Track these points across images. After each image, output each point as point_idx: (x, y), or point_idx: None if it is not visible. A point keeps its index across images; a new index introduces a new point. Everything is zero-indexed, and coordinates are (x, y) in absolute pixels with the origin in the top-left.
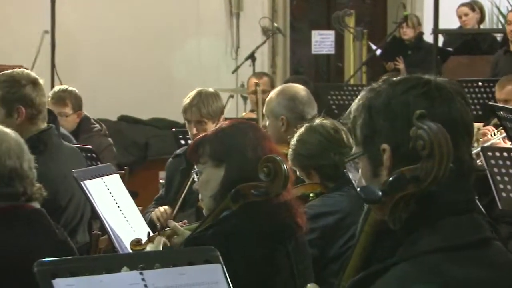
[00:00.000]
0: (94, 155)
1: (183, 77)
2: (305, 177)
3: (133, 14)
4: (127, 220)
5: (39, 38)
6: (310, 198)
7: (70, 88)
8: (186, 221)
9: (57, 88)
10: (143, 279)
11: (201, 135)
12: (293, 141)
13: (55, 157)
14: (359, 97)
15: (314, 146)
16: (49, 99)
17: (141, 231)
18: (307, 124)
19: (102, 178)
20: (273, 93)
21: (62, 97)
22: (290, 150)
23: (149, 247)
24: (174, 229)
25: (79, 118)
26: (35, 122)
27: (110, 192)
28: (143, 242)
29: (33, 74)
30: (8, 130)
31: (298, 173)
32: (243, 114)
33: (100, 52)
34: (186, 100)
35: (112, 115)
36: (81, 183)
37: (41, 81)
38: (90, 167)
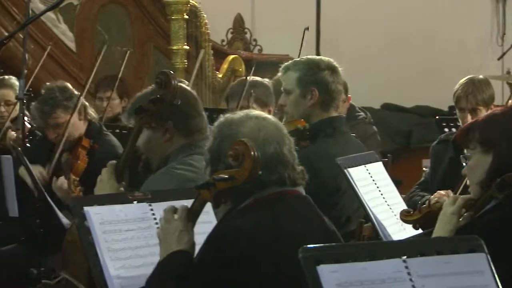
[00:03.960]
0: None
1: (446, 64)
2: None
3: (395, 2)
4: (390, 208)
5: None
6: None
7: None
8: None
9: None
10: (406, 267)
11: (471, 121)
12: None
13: (340, 143)
14: None
15: None
16: None
17: None
18: None
19: (365, 166)
20: None
21: None
22: None
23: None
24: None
25: (348, 102)
26: (327, 109)
27: (373, 180)
28: (412, 212)
29: (333, 62)
30: (267, 116)
31: None
32: (510, 102)
33: (363, 40)
34: (459, 89)
35: (375, 103)
36: (345, 170)
37: (339, 69)
38: (354, 154)
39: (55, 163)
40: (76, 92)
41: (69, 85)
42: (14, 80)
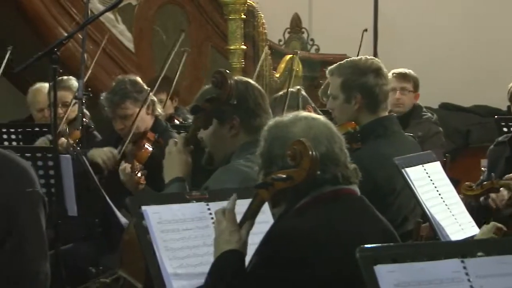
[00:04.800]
0: None
1: (505, 64)
2: None
3: (452, 1)
4: (448, 208)
5: (361, 29)
6: None
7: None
8: None
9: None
10: (464, 267)
11: None
12: None
13: (393, 142)
14: None
15: None
16: (393, 74)
17: (463, 218)
18: None
19: (423, 166)
20: None
21: (405, 75)
22: None
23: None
24: None
25: (416, 99)
26: (374, 110)
27: (431, 180)
28: (473, 187)
29: (377, 62)
30: (316, 116)
31: None
32: None
33: (421, 40)
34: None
35: (433, 103)
36: (403, 170)
37: (384, 70)
38: (411, 154)
39: (122, 152)
40: (145, 87)
41: (139, 79)
42: (73, 81)
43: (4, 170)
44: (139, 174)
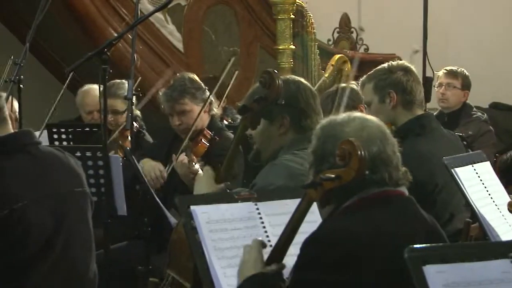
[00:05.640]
0: (465, 142)
1: None
2: None
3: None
4: (498, 208)
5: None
6: None
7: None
8: None
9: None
10: None
11: None
12: None
13: (432, 139)
14: None
15: None
16: (443, 70)
17: None
18: None
19: (473, 166)
20: None
21: (454, 72)
22: None
23: None
24: None
25: (465, 98)
26: (410, 107)
27: (481, 180)
28: None
29: (404, 62)
30: (369, 117)
31: None
32: None
33: (471, 39)
34: None
35: (484, 102)
36: (452, 170)
37: (413, 68)
38: (462, 154)
39: (182, 148)
40: (203, 85)
41: (197, 77)
42: (125, 85)
43: (54, 170)
44: (196, 166)
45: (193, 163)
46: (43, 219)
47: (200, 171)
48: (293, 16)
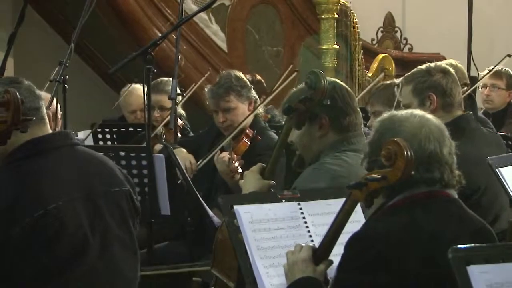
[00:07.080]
0: (510, 142)
1: None
2: None
3: None
4: None
5: (458, 26)
6: None
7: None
8: None
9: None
10: None
11: None
12: None
13: (471, 140)
14: None
15: None
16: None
17: None
18: None
19: None
20: None
21: (498, 72)
22: None
23: None
24: None
25: (510, 98)
26: (450, 110)
27: None
28: None
29: (441, 64)
30: (430, 116)
31: None
32: None
33: None
34: None
35: None
36: (496, 170)
37: (451, 70)
38: (506, 154)
39: (222, 145)
40: (249, 84)
41: (243, 75)
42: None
43: (90, 170)
44: (236, 164)
45: (233, 161)
46: (78, 220)
47: (240, 169)
48: (337, 16)
